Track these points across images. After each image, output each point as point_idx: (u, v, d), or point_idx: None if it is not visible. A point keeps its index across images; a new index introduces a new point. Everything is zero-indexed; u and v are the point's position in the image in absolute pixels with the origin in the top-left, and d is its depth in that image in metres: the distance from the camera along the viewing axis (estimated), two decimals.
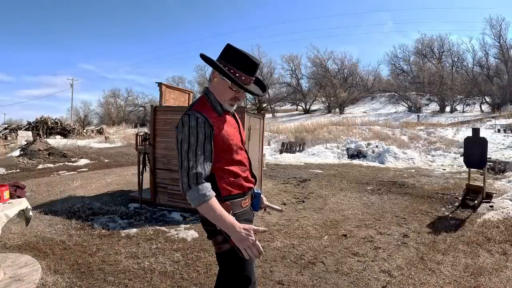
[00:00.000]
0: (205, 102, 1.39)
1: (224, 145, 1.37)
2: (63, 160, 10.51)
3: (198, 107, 1.36)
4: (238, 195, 1.42)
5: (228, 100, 1.39)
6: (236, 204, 1.41)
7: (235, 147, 1.41)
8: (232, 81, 1.33)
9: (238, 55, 1.34)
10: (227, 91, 1.37)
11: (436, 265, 2.91)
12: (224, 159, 1.38)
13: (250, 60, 1.35)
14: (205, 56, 1.36)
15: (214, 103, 1.39)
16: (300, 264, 2.97)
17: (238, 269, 1.39)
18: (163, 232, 3.75)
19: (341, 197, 5.55)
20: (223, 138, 1.36)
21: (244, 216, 1.45)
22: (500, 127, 13.86)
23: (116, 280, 2.62)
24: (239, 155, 1.44)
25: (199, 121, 1.29)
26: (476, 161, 4.90)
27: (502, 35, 26.24)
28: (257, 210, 1.64)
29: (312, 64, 36.53)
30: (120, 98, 47.01)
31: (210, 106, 1.38)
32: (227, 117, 1.43)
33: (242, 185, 1.44)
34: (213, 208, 1.26)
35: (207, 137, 1.30)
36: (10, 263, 2.81)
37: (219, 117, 1.38)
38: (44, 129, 23.39)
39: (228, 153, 1.39)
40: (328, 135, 14.76)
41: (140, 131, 14.30)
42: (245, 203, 1.47)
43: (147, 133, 5.17)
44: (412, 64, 33.75)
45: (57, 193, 5.71)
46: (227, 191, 1.39)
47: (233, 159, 1.41)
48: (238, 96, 1.40)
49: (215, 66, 1.35)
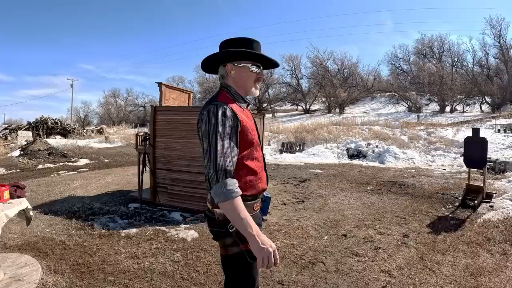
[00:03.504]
0: (227, 96, 1.36)
1: (247, 140, 1.32)
2: (63, 160, 10.51)
3: (223, 99, 1.32)
4: (252, 196, 1.35)
5: (253, 84, 1.39)
6: (249, 206, 1.31)
7: (255, 143, 1.37)
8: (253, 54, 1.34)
9: (238, 40, 1.37)
10: (249, 76, 1.38)
11: (436, 265, 2.91)
12: (245, 155, 1.32)
13: (253, 39, 1.38)
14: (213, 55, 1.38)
15: (236, 96, 1.38)
16: (300, 264, 2.97)
17: (245, 273, 1.34)
18: (163, 232, 3.75)
19: (341, 197, 5.55)
20: (247, 132, 1.31)
21: (256, 223, 1.35)
22: (500, 127, 13.84)
23: (116, 280, 2.62)
24: (257, 151, 1.39)
25: (227, 112, 1.25)
26: (476, 161, 4.89)
27: (502, 35, 26.22)
28: (265, 215, 1.54)
29: (312, 64, 36.52)
30: (120, 98, 46.99)
31: (234, 100, 1.36)
32: (247, 111, 1.42)
33: (257, 186, 1.38)
34: (238, 207, 1.19)
35: (234, 129, 1.26)
36: (10, 263, 2.81)
37: (242, 110, 1.36)
38: (44, 129, 23.40)
39: (249, 148, 1.34)
40: (328, 135, 14.76)
41: (140, 131, 14.30)
42: (257, 206, 1.40)
43: (147, 133, 5.17)
44: (412, 64, 33.73)
45: (57, 193, 5.71)
46: (242, 190, 1.30)
47: (253, 156, 1.36)
48: (260, 76, 1.40)
49: (232, 53, 1.35)
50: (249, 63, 1.37)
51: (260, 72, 1.40)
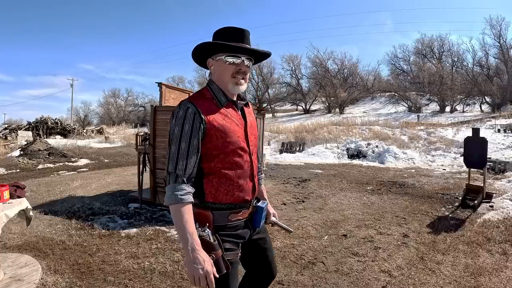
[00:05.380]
0: (203, 93, 1.27)
1: (218, 142, 1.20)
2: (63, 160, 10.51)
3: (193, 98, 1.25)
4: (227, 205, 1.23)
5: (231, 78, 1.24)
6: (221, 215, 1.22)
7: (232, 146, 1.23)
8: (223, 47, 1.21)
9: (221, 30, 1.26)
10: (226, 69, 1.24)
11: (436, 265, 2.91)
12: (217, 159, 1.21)
13: (230, 28, 1.25)
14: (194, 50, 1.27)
15: (217, 92, 1.26)
16: (300, 264, 2.96)
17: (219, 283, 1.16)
18: (163, 232, 3.75)
19: (341, 197, 5.55)
20: (218, 133, 1.20)
21: (232, 234, 1.25)
22: (500, 127, 13.84)
23: (116, 280, 2.61)
24: (238, 157, 1.24)
25: (188, 112, 1.17)
26: (476, 161, 4.89)
27: (502, 35, 26.22)
28: (257, 227, 1.38)
29: (312, 64, 36.53)
30: (120, 98, 46.98)
31: (211, 97, 1.26)
32: (230, 111, 1.27)
33: (235, 195, 1.24)
34: (179, 215, 1.11)
35: (195, 130, 1.17)
36: (10, 263, 2.81)
37: (218, 109, 1.23)
38: (44, 129, 23.40)
39: (223, 152, 1.21)
40: (328, 135, 14.76)
41: (140, 131, 14.30)
42: (236, 216, 1.26)
43: (147, 133, 5.17)
44: (412, 64, 33.73)
45: (57, 193, 5.71)
46: (212, 197, 1.21)
47: (228, 160, 1.22)
48: (240, 68, 1.24)
49: (202, 45, 1.25)
50: (223, 54, 1.23)
51: (239, 63, 1.24)
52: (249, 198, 1.30)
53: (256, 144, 1.36)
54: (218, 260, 1.15)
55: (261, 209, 1.36)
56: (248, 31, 1.27)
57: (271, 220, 1.55)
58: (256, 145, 1.37)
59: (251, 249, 1.42)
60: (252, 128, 1.36)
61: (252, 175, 1.31)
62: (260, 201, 1.43)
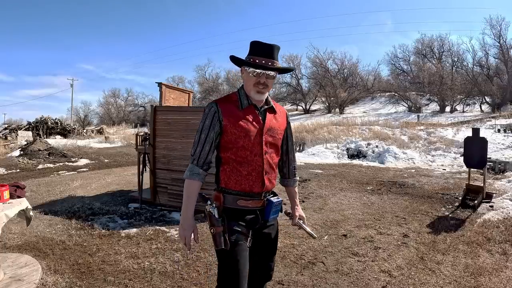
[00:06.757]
0: (230, 96, 1.50)
1: (232, 137, 1.42)
2: (63, 160, 10.51)
3: (219, 100, 1.51)
4: (236, 192, 1.44)
5: (253, 87, 1.45)
6: (229, 198, 1.44)
7: (243, 142, 1.42)
8: (245, 63, 1.44)
9: (254, 44, 1.46)
10: (249, 79, 1.45)
11: (436, 265, 2.91)
12: (230, 151, 1.44)
13: (261, 44, 1.45)
14: (234, 57, 1.49)
15: (242, 96, 1.48)
16: (300, 264, 2.97)
17: (221, 257, 1.41)
18: (163, 232, 3.75)
19: (341, 197, 5.55)
20: (233, 130, 1.42)
21: (240, 217, 1.43)
22: (500, 127, 13.84)
23: (116, 280, 2.62)
24: (247, 152, 1.43)
25: (211, 110, 1.44)
26: (476, 161, 4.89)
27: (502, 35, 26.19)
28: (267, 218, 1.50)
29: (312, 64, 36.47)
30: (120, 98, 46.94)
31: (236, 99, 1.47)
32: (249, 112, 1.46)
33: (243, 185, 1.44)
34: (187, 189, 1.43)
35: (213, 125, 1.42)
36: (10, 263, 2.81)
37: (238, 110, 1.44)
38: (44, 129, 23.40)
39: (235, 146, 1.43)
40: (328, 135, 14.76)
41: (140, 131, 14.29)
42: (245, 203, 1.45)
43: (147, 133, 5.17)
44: (412, 64, 33.71)
45: (57, 193, 5.72)
46: (224, 183, 1.45)
47: (239, 154, 1.43)
48: (260, 80, 1.44)
49: (232, 58, 1.49)
50: (248, 67, 1.45)
51: (259, 76, 1.43)
52: (257, 191, 1.46)
53: (273, 144, 1.50)
54: (216, 235, 1.35)
55: (271, 202, 1.50)
56: (277, 47, 1.49)
57: (296, 222, 1.66)
58: (274, 145, 1.51)
59: (254, 242, 1.50)
60: (271, 130, 1.50)
61: (262, 171, 1.46)
62: (275, 196, 1.55)
